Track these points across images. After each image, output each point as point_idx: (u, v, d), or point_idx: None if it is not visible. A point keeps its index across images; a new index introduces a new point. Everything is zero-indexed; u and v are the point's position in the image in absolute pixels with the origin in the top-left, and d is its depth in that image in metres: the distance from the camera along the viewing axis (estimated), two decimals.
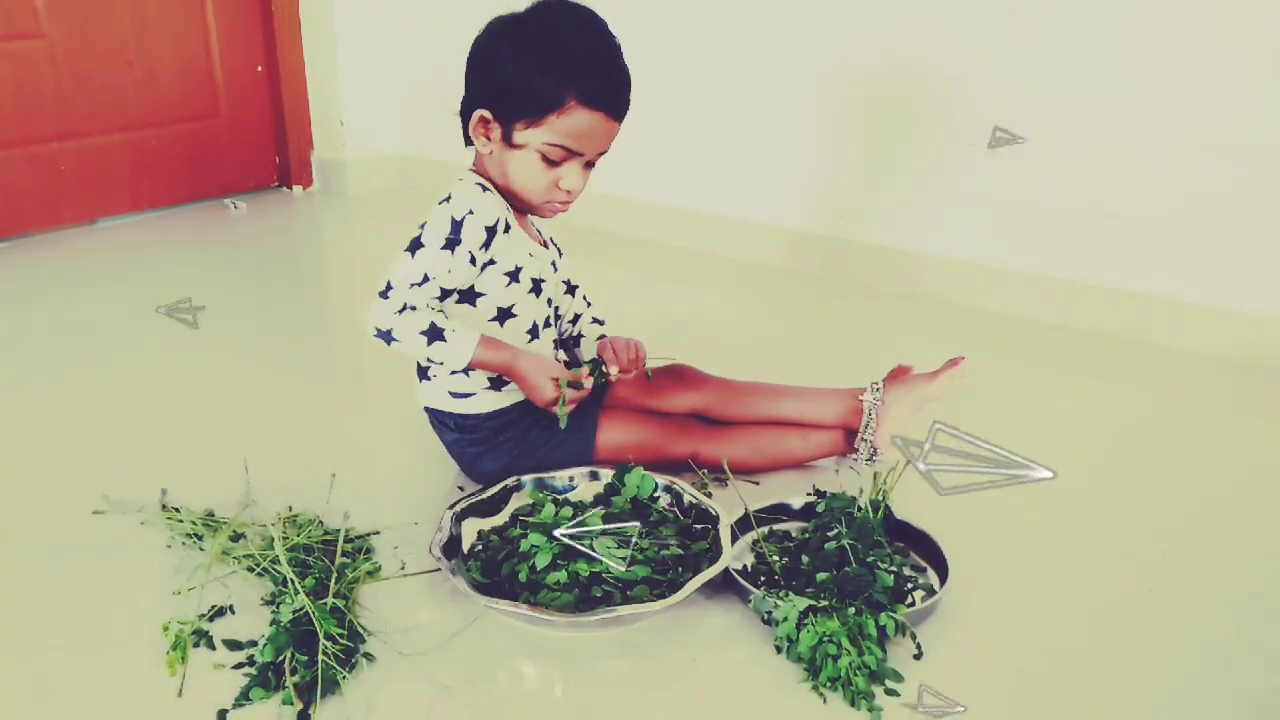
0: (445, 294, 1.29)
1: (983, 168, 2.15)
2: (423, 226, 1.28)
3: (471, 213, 1.27)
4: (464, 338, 1.28)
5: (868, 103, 2.27)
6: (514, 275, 1.34)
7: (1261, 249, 1.89)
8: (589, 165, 1.32)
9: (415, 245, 1.27)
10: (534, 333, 1.41)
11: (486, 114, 1.29)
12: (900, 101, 2.22)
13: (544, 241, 1.44)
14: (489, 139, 1.30)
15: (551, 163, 1.28)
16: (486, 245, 1.29)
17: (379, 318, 1.26)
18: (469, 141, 1.35)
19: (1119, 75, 1.95)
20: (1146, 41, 1.91)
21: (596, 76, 1.25)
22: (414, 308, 1.26)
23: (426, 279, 1.26)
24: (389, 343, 1.27)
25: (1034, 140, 2.07)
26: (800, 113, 2.37)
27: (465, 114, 1.33)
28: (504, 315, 1.36)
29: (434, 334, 1.26)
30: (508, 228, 1.32)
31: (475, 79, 1.31)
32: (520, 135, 1.27)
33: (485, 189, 1.31)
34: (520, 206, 1.36)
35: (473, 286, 1.33)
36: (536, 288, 1.38)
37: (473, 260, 1.28)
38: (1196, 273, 1.97)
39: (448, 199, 1.29)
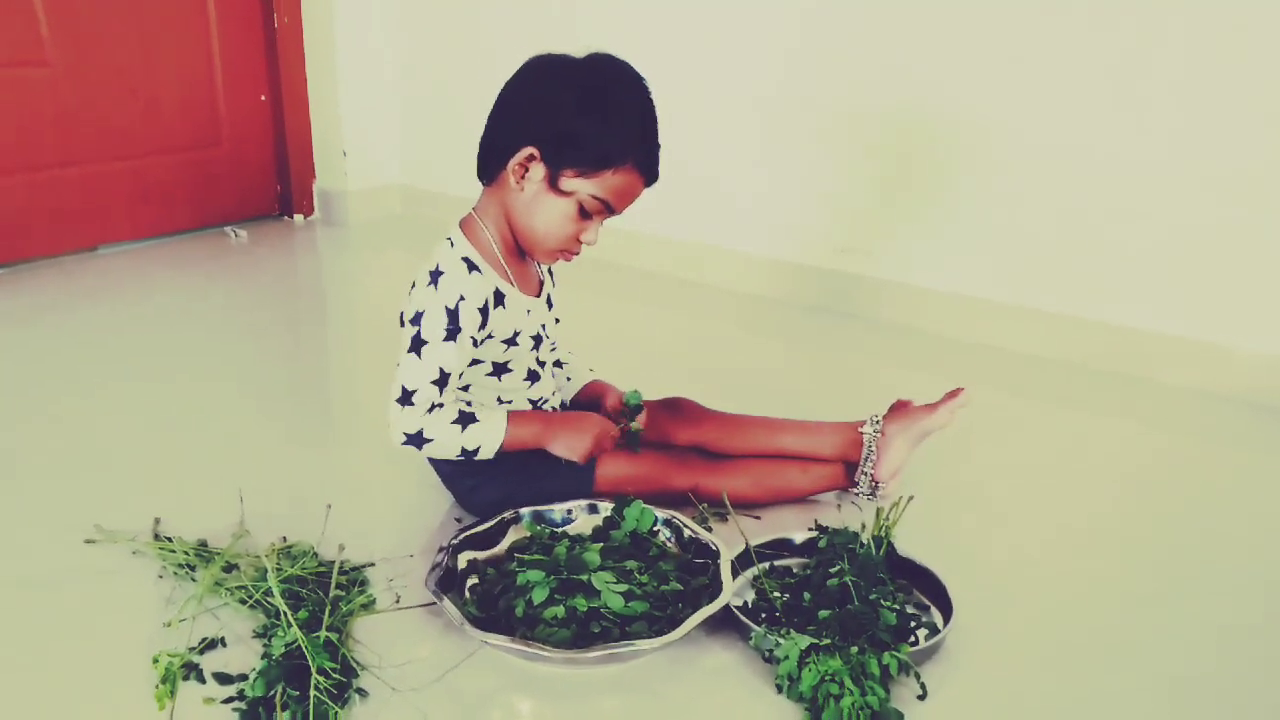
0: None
1: (983, 203, 2.15)
2: (416, 321, 1.27)
3: (463, 299, 1.26)
4: (495, 417, 1.31)
5: (869, 138, 2.27)
6: (512, 340, 1.34)
7: (1262, 286, 1.89)
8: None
9: (418, 344, 1.26)
10: (532, 377, 1.40)
11: (535, 152, 1.25)
12: (900, 137, 2.22)
13: (541, 280, 1.43)
14: (525, 178, 1.27)
15: (585, 215, 1.27)
16: (483, 325, 1.29)
17: (406, 424, 1.27)
18: (484, 174, 1.33)
19: (1116, 112, 1.95)
20: (1142, 80, 1.91)
21: (652, 145, 1.27)
22: (441, 405, 1.28)
23: (444, 374, 1.27)
24: (420, 446, 1.29)
25: (1033, 176, 2.07)
26: (801, 147, 2.37)
27: (498, 148, 1.29)
28: (500, 370, 1.36)
29: (465, 419, 1.28)
30: (500, 300, 1.31)
31: (525, 118, 1.26)
32: (568, 183, 1.25)
33: (472, 267, 1.29)
34: (527, 249, 1.34)
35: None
36: (536, 344, 1.38)
37: (474, 343, 1.29)
38: (1195, 309, 1.96)
39: (435, 279, 1.27)
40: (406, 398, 1.27)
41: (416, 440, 1.28)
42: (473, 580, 1.25)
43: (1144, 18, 1.89)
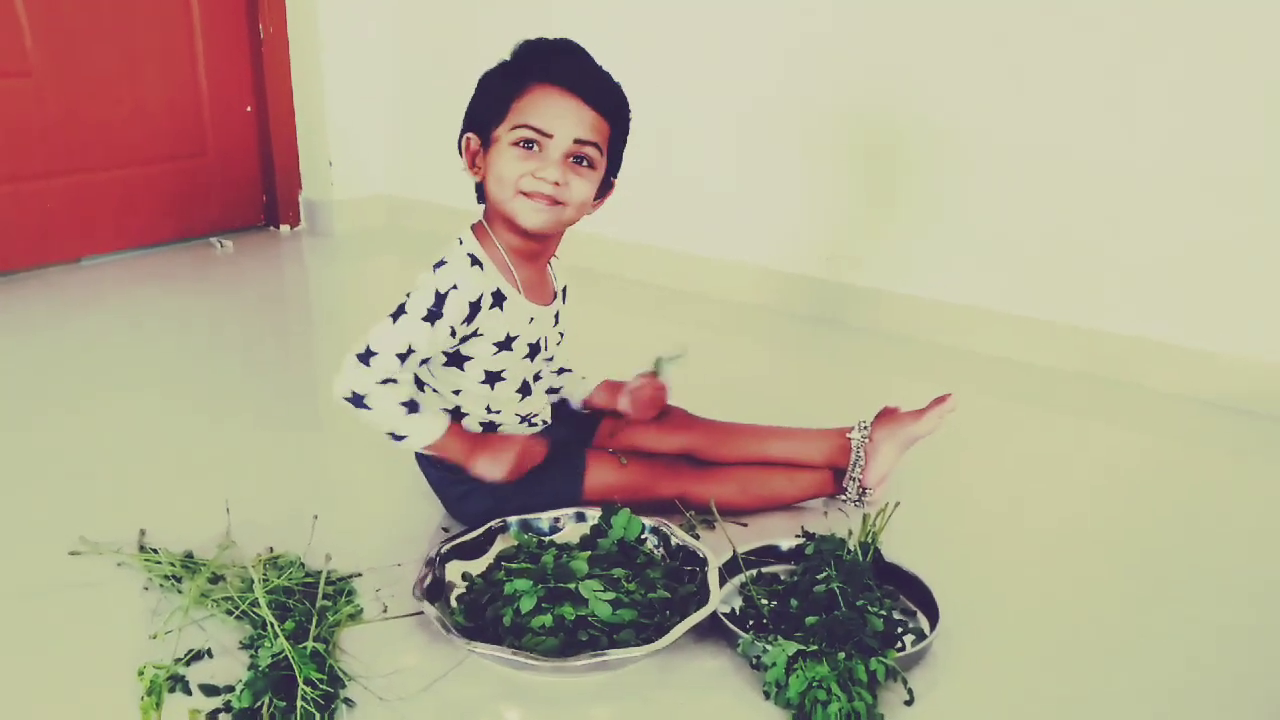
0: (423, 361, 1.30)
1: (971, 210, 2.16)
2: (408, 295, 1.27)
3: (455, 288, 1.26)
4: (437, 420, 1.30)
5: (857, 145, 2.28)
6: (505, 344, 1.33)
7: (1248, 292, 1.90)
8: (580, 165, 1.28)
9: (399, 312, 1.26)
10: (525, 390, 1.40)
11: (470, 135, 1.31)
12: (890, 145, 2.24)
13: (555, 293, 1.43)
14: (478, 164, 1.31)
15: (527, 149, 1.26)
16: (469, 320, 1.28)
17: (357, 381, 1.25)
18: (478, 194, 1.35)
19: (1107, 119, 1.97)
20: (1133, 87, 1.93)
21: (556, 62, 1.27)
22: (396, 381, 1.26)
23: (411, 351, 1.25)
24: (358, 407, 1.27)
25: (1022, 183, 2.09)
26: (790, 156, 2.38)
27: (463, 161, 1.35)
28: (493, 378, 1.36)
29: (411, 407, 1.28)
30: (498, 302, 1.31)
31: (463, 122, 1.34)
32: (495, 135, 1.28)
33: (476, 262, 1.30)
34: (511, 219, 1.30)
35: (459, 351, 1.32)
36: (532, 353, 1.37)
37: (452, 333, 1.28)
38: (1183, 315, 1.98)
39: (439, 266, 1.28)
40: (366, 356, 1.25)
41: (357, 401, 1.26)
42: (460, 589, 1.25)
43: (1135, 28, 1.90)
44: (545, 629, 1.13)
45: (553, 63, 1.27)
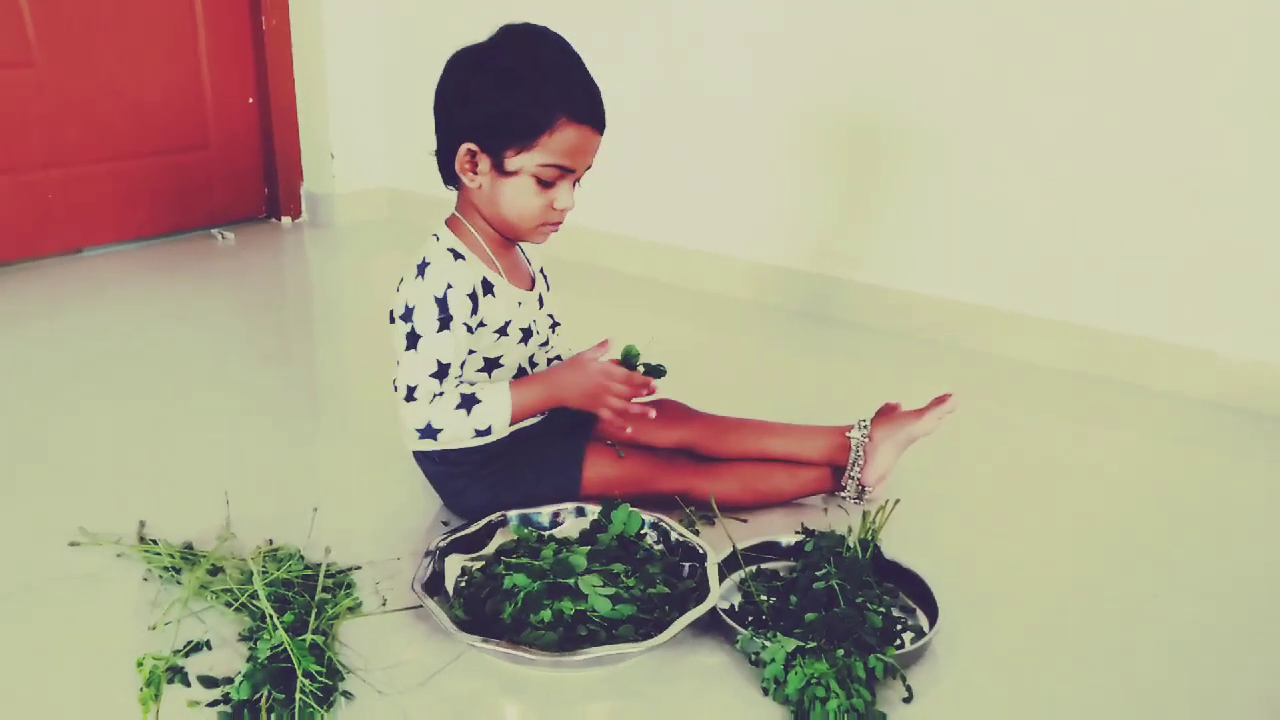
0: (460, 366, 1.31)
1: (967, 206, 2.16)
2: (408, 317, 1.27)
3: (451, 286, 1.27)
4: (498, 390, 1.30)
5: (852, 141, 2.28)
6: (502, 330, 1.34)
7: (1247, 291, 1.90)
8: (575, 182, 1.31)
9: (414, 339, 1.27)
10: (522, 375, 1.40)
11: (473, 146, 1.27)
12: (884, 139, 2.23)
13: (532, 276, 1.44)
14: (476, 173, 1.29)
15: (545, 185, 1.27)
16: (475, 311, 1.30)
17: (414, 419, 1.28)
18: (449, 181, 1.34)
19: (1104, 113, 1.97)
20: (1132, 81, 1.93)
21: (580, 93, 1.26)
22: (442, 394, 1.28)
23: (442, 365, 1.27)
24: (435, 437, 1.29)
25: (1019, 178, 2.08)
26: (785, 150, 2.38)
27: (444, 153, 1.32)
28: (491, 365, 1.36)
29: (468, 402, 1.28)
30: (489, 289, 1.32)
31: (454, 115, 1.29)
32: (512, 162, 1.26)
33: (458, 256, 1.30)
34: (512, 237, 1.35)
35: None
36: (525, 337, 1.38)
37: (468, 329, 1.29)
38: (1181, 314, 1.97)
39: (421, 270, 1.28)
40: (410, 395, 1.27)
41: (429, 433, 1.28)
42: (460, 583, 1.25)
43: (1132, 24, 1.90)
44: (544, 624, 1.13)
45: (577, 97, 1.25)
